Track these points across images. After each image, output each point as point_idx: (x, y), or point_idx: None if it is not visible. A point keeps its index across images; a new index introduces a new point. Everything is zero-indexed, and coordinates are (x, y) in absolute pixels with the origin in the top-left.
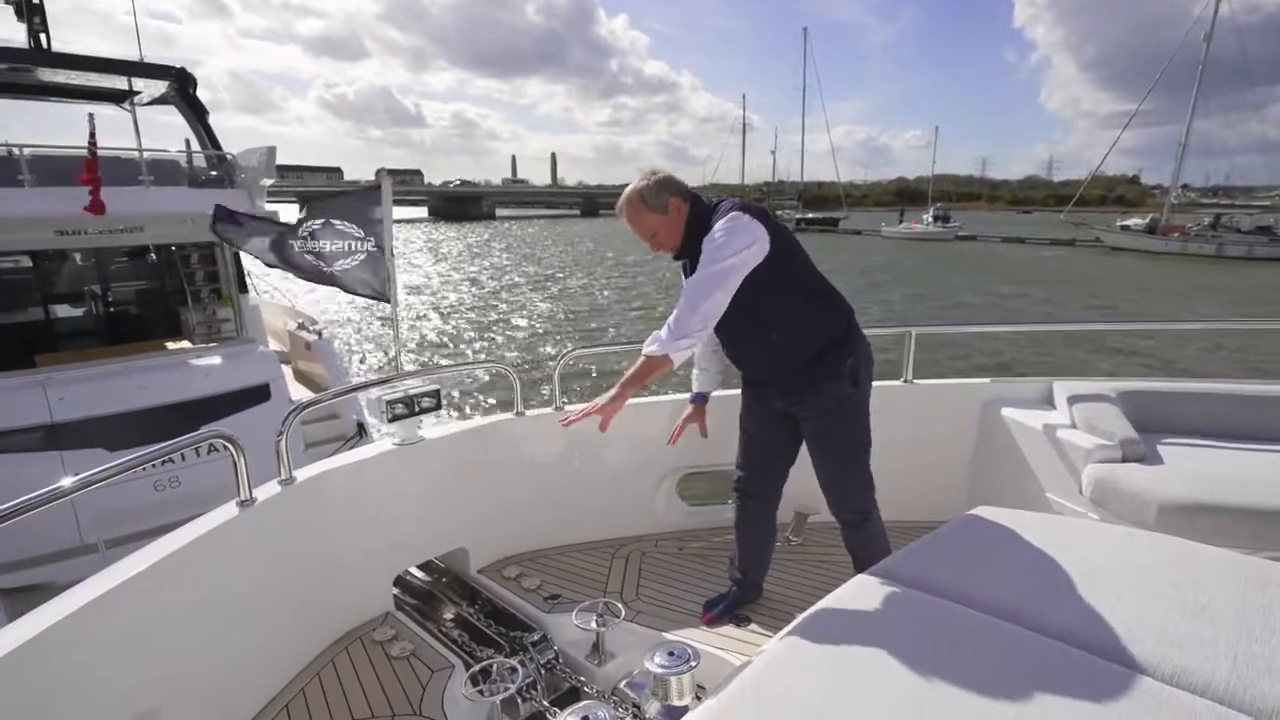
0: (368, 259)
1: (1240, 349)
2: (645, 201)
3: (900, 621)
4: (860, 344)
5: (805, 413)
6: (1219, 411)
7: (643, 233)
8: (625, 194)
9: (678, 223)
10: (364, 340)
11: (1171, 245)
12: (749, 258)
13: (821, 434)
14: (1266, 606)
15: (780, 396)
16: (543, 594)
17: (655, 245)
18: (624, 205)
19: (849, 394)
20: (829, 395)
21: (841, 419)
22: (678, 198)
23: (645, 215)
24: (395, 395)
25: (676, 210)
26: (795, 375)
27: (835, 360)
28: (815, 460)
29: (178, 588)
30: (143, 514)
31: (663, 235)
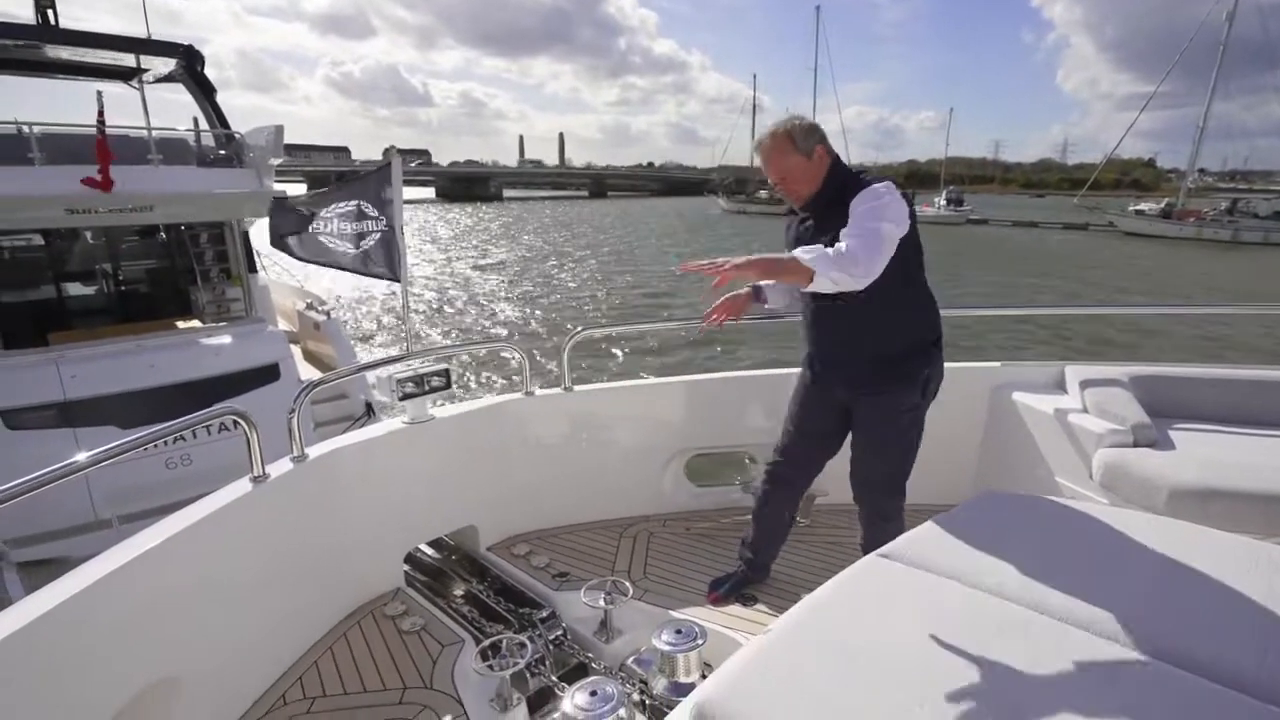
0: (381, 239)
1: (1252, 334)
2: (793, 140)
3: (907, 602)
4: (939, 361)
5: (868, 410)
6: (1233, 397)
7: (776, 171)
8: (771, 129)
9: (817, 171)
10: (372, 320)
11: (1186, 230)
12: (900, 231)
13: (875, 433)
14: (1277, 593)
15: (846, 385)
16: (551, 572)
17: (783, 187)
18: (767, 138)
19: (916, 403)
20: (898, 399)
21: (900, 426)
22: (822, 147)
23: (789, 154)
24: (405, 374)
25: (819, 159)
26: (873, 368)
27: (915, 366)
28: (859, 455)
29: (194, 561)
30: (155, 491)
31: (796, 178)
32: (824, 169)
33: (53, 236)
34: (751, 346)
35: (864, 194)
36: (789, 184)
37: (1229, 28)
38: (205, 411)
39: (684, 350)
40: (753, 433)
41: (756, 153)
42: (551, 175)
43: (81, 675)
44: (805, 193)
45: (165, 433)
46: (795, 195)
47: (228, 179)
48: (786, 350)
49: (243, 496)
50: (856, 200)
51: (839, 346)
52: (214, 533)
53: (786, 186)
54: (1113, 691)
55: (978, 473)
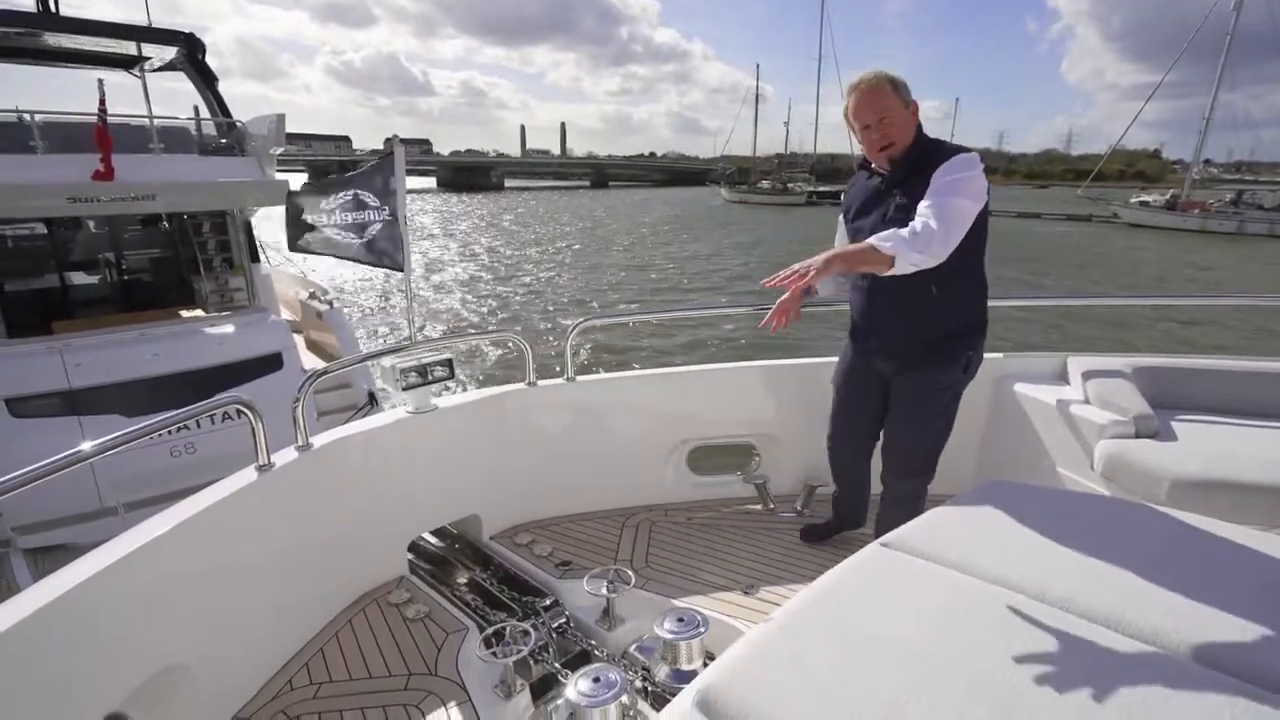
0: (384, 228)
1: (1259, 325)
2: (895, 86)
3: (909, 591)
4: (982, 344)
5: (910, 384)
6: (1235, 388)
7: (874, 112)
8: (871, 72)
9: (911, 124)
10: (375, 310)
11: (1191, 222)
12: (977, 207)
13: (916, 408)
14: (1277, 582)
15: (890, 360)
16: (554, 561)
17: (878, 130)
18: (870, 79)
19: (957, 380)
20: (942, 375)
21: (942, 402)
22: (917, 104)
23: (890, 97)
24: (409, 364)
25: (914, 113)
26: (924, 346)
27: (962, 346)
28: (897, 430)
29: (200, 549)
30: (160, 478)
31: (893, 124)
32: (915, 124)
33: (55, 225)
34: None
35: (953, 162)
36: (885, 126)
37: (1236, 17)
38: (211, 401)
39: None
40: (755, 424)
41: (852, 94)
42: (553, 165)
43: (90, 662)
44: (900, 141)
45: (171, 422)
46: (888, 142)
47: (229, 168)
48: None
49: (248, 485)
50: (945, 167)
51: (889, 321)
52: (220, 521)
53: (882, 129)
54: (1113, 679)
55: (980, 463)
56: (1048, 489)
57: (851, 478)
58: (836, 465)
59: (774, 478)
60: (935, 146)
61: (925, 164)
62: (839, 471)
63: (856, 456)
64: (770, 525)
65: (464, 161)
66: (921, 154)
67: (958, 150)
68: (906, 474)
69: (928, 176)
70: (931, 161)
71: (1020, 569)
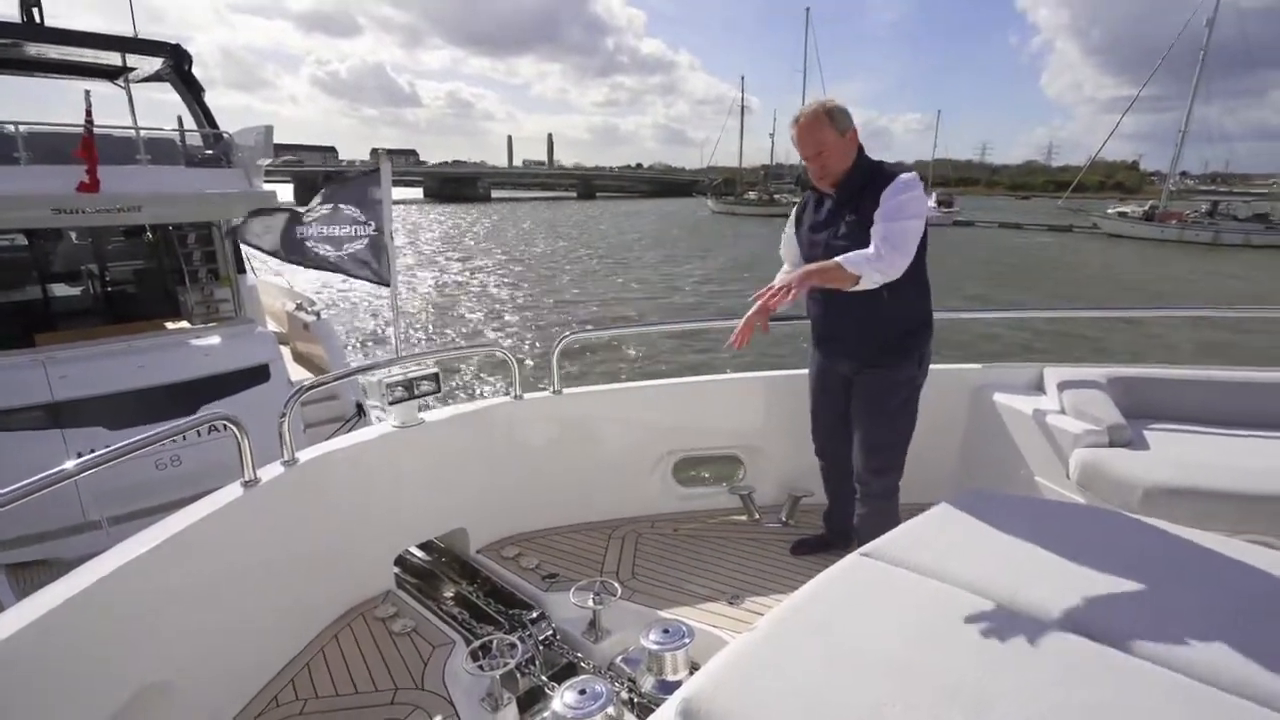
0: (369, 243)
1: (1226, 335)
2: (831, 118)
3: (890, 600)
4: (930, 339)
5: (870, 381)
6: (1205, 398)
7: (812, 146)
8: (810, 106)
9: (849, 151)
10: (362, 323)
11: (1169, 232)
12: (923, 223)
13: (877, 403)
14: (1244, 588)
15: (850, 359)
16: (541, 573)
17: (816, 162)
18: (807, 114)
19: (913, 375)
20: (898, 372)
21: (901, 397)
22: (854, 131)
23: (826, 129)
24: (395, 378)
25: (851, 139)
26: (879, 346)
27: (914, 344)
28: (863, 425)
29: (185, 566)
30: (144, 491)
31: (831, 154)
32: (854, 150)
33: (37, 237)
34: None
35: (896, 184)
36: (823, 159)
37: (1209, 34)
38: (197, 416)
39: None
40: (740, 435)
41: (791, 128)
42: (540, 176)
43: (74, 681)
44: (837, 169)
45: (157, 438)
46: (827, 171)
47: (216, 179)
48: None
49: (234, 501)
50: (889, 190)
51: (846, 325)
52: (206, 537)
53: (820, 161)
54: (1084, 685)
55: (959, 472)
56: (1024, 498)
57: (838, 487)
58: (822, 471)
59: (759, 488)
60: (877, 168)
61: (870, 184)
62: (826, 479)
63: (838, 460)
64: (755, 536)
65: (451, 172)
66: (864, 175)
67: (898, 171)
68: (877, 470)
69: (874, 195)
70: (876, 182)
71: (996, 577)
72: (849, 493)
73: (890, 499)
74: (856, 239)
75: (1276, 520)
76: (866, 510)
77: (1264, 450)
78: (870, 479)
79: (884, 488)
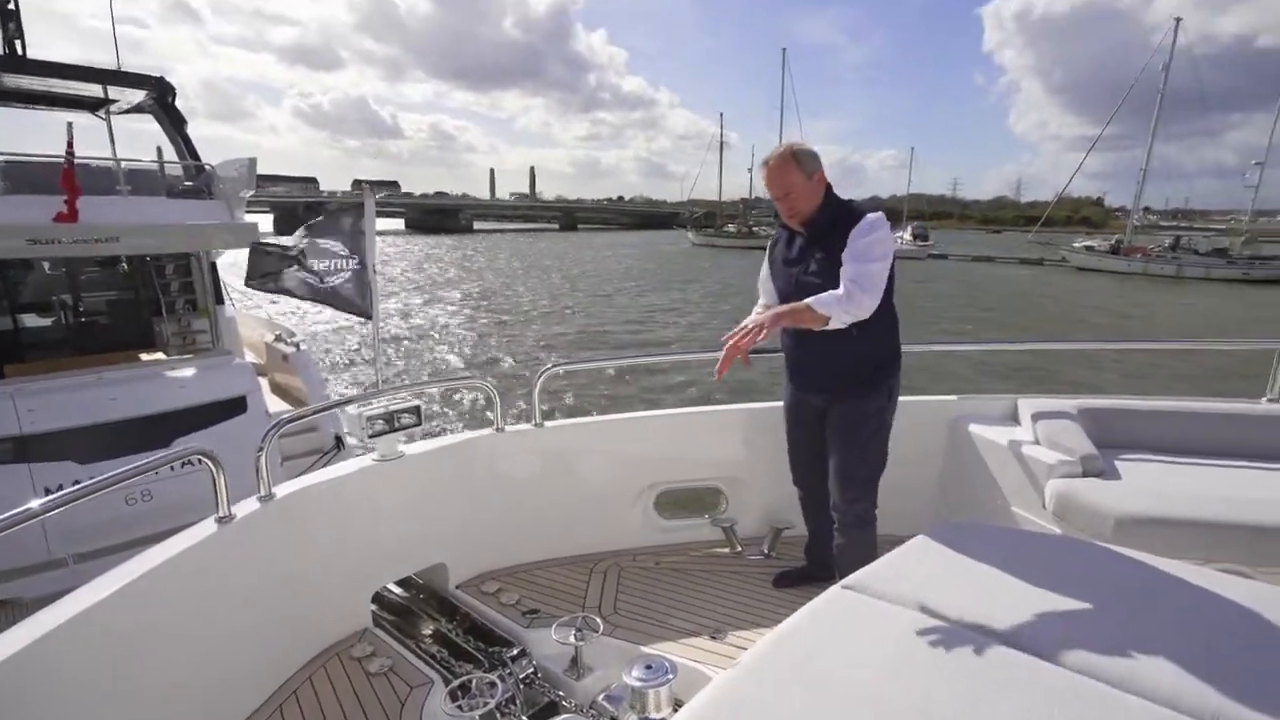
0: (352, 275)
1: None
2: (798, 161)
3: (871, 633)
4: (899, 371)
5: (843, 412)
6: (1173, 428)
7: (780, 188)
8: (778, 149)
9: (816, 192)
10: (343, 353)
11: (1134, 265)
12: (890, 262)
13: (850, 432)
14: (1217, 617)
15: (823, 392)
16: (521, 609)
17: (785, 203)
18: (775, 157)
19: (883, 406)
20: (868, 403)
21: (871, 427)
22: (821, 172)
23: (792, 172)
24: (375, 411)
25: (818, 181)
26: (849, 378)
27: (883, 376)
28: (839, 455)
29: (155, 606)
30: (114, 528)
31: (798, 196)
32: (822, 190)
33: (7, 266)
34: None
35: (862, 225)
36: (791, 200)
37: (1165, 77)
38: (170, 451)
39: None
40: (721, 466)
41: (761, 170)
42: (523, 208)
43: None
44: (805, 209)
45: (128, 474)
46: (795, 212)
47: (198, 210)
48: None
49: (208, 538)
50: (857, 231)
51: (818, 358)
52: (177, 576)
53: (788, 202)
54: (1064, 715)
55: (938, 503)
56: (1000, 528)
57: (817, 518)
58: (801, 502)
59: (741, 520)
60: (845, 207)
61: (838, 223)
62: (804, 509)
63: (815, 491)
64: (738, 568)
65: (433, 203)
66: (833, 214)
67: (865, 210)
68: (851, 499)
69: (843, 233)
70: (844, 220)
71: (975, 608)
72: (828, 523)
73: (866, 528)
74: (826, 274)
75: (1246, 549)
76: (844, 541)
77: (1231, 479)
78: (845, 508)
79: (859, 517)
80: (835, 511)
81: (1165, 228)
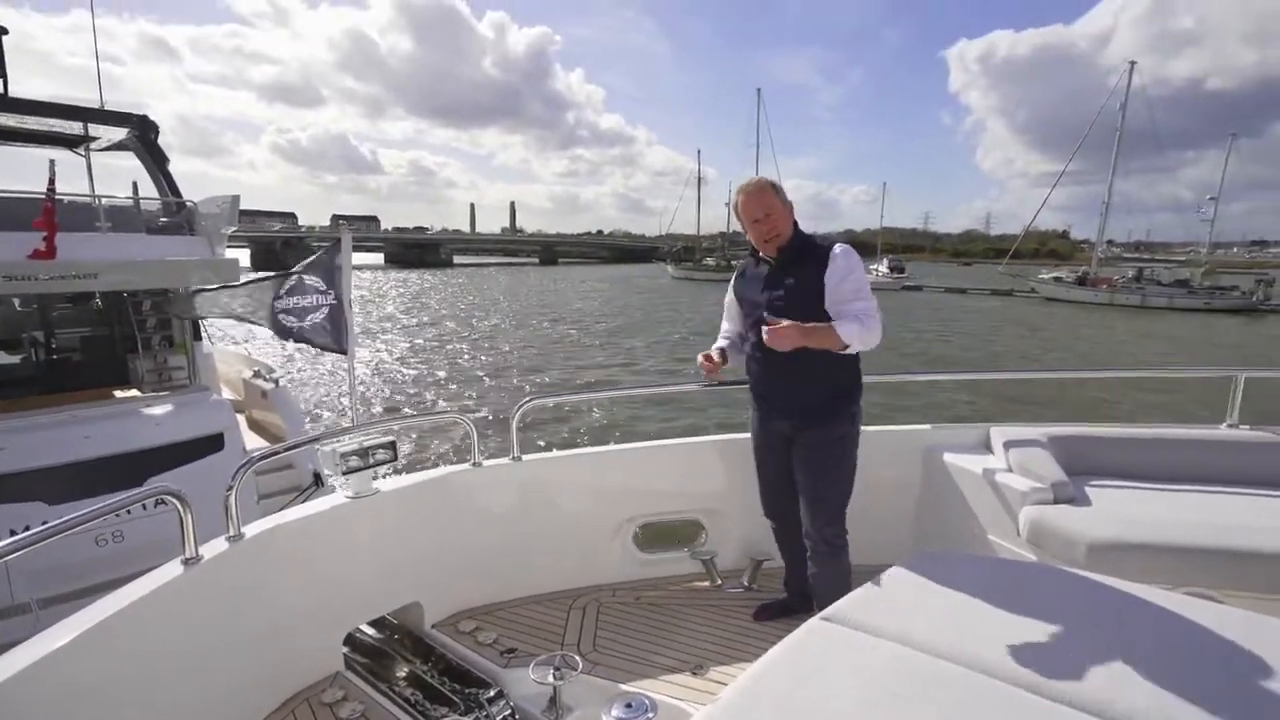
0: (329, 311)
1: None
2: (775, 189)
3: (849, 665)
4: (861, 397)
5: (810, 440)
6: (1139, 454)
7: (761, 208)
8: (756, 179)
9: (790, 217)
10: (325, 390)
11: (1101, 296)
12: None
13: (817, 459)
14: (1184, 640)
15: (789, 418)
16: (499, 648)
17: (765, 224)
18: (756, 182)
19: (847, 431)
20: (832, 429)
21: (835, 453)
22: (791, 205)
23: (773, 197)
24: (349, 447)
25: (791, 209)
26: (816, 403)
27: (847, 402)
28: (807, 481)
29: (117, 653)
30: (83, 570)
31: (778, 218)
32: (793, 217)
33: None
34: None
35: (842, 264)
36: (770, 220)
37: (1123, 116)
38: (137, 491)
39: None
40: (701, 498)
41: (739, 195)
42: (503, 242)
43: None
44: (783, 232)
45: (93, 515)
46: (774, 233)
47: (178, 246)
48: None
49: (172, 580)
50: (843, 267)
51: (786, 385)
52: (140, 621)
53: (769, 223)
54: None
55: (916, 532)
56: (975, 557)
57: (792, 548)
58: (775, 533)
59: (721, 552)
60: (809, 239)
61: (805, 252)
62: (779, 539)
63: (787, 519)
64: (718, 602)
65: (412, 238)
66: (801, 244)
67: (828, 243)
68: (822, 524)
69: (809, 262)
70: (811, 251)
71: (951, 638)
72: (803, 552)
73: (839, 554)
74: (795, 301)
75: (1214, 573)
76: (818, 569)
77: (1196, 503)
78: (817, 535)
79: (830, 544)
80: (808, 539)
81: (1128, 259)
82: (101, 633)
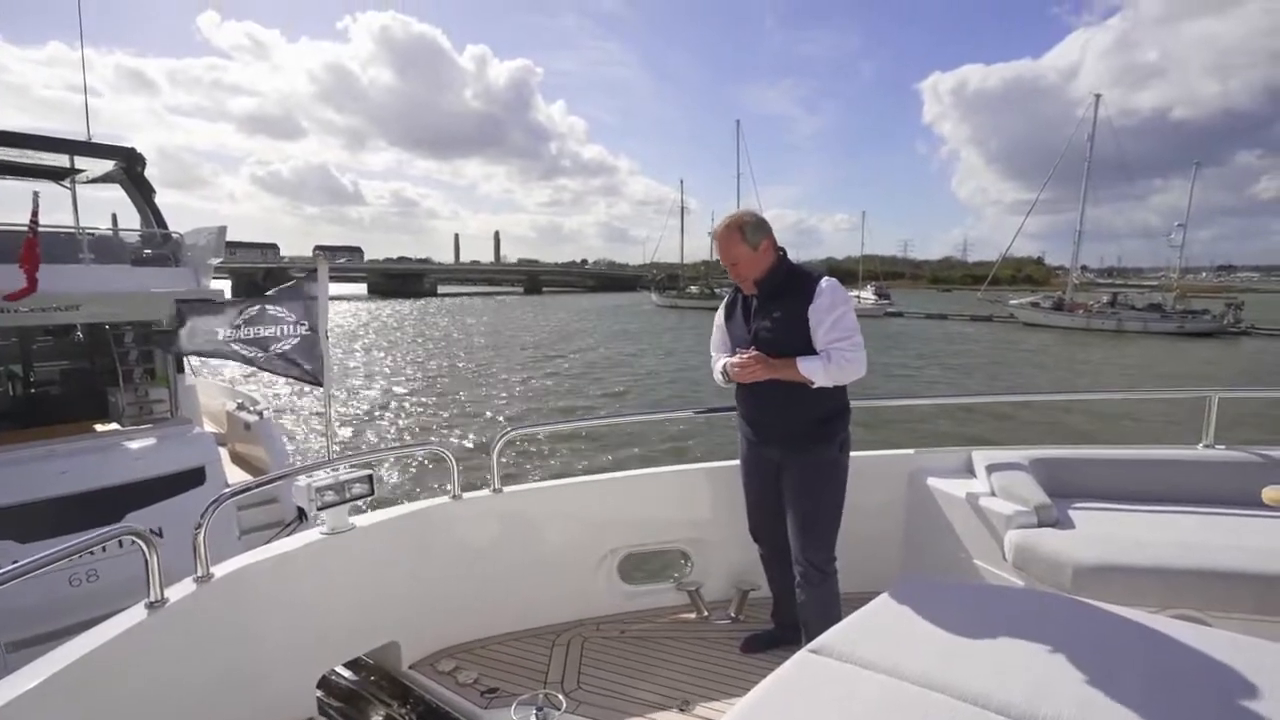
0: (301, 342)
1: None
2: (743, 233)
3: (838, 700)
4: (849, 423)
5: (799, 466)
6: (1121, 475)
7: (726, 257)
8: (726, 220)
9: (762, 261)
10: (311, 423)
11: (1077, 321)
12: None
13: (806, 485)
14: (1173, 664)
15: (778, 445)
16: (479, 688)
17: (733, 272)
18: (722, 229)
19: (836, 458)
20: (820, 456)
21: (823, 478)
22: (769, 240)
23: (737, 244)
24: (325, 482)
25: (764, 251)
26: (804, 430)
27: (834, 429)
28: (796, 507)
29: (75, 704)
30: (55, 611)
31: (743, 267)
32: (769, 260)
33: None
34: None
35: (828, 299)
36: (738, 269)
37: (1091, 146)
38: (102, 531)
39: None
40: (685, 528)
41: (713, 238)
42: (487, 271)
43: None
44: (750, 277)
45: (60, 555)
46: (742, 279)
47: (164, 278)
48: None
49: (134, 626)
50: (824, 304)
51: (774, 412)
52: (101, 669)
53: (735, 271)
54: None
55: (903, 557)
56: (960, 584)
57: (780, 577)
58: (763, 560)
59: (707, 583)
60: (794, 269)
61: (790, 286)
62: (766, 566)
63: (775, 546)
64: (704, 634)
65: (396, 268)
66: (784, 278)
67: (815, 274)
68: (813, 548)
69: (795, 293)
70: (796, 285)
71: (939, 667)
72: (791, 581)
73: (828, 580)
74: (780, 331)
75: (1199, 594)
76: (807, 596)
77: (1177, 524)
78: (807, 562)
79: (820, 570)
80: (796, 565)
81: (1102, 284)
82: (63, 681)
